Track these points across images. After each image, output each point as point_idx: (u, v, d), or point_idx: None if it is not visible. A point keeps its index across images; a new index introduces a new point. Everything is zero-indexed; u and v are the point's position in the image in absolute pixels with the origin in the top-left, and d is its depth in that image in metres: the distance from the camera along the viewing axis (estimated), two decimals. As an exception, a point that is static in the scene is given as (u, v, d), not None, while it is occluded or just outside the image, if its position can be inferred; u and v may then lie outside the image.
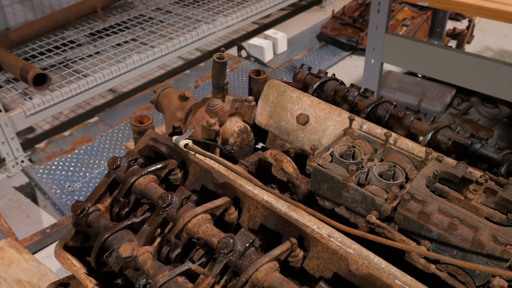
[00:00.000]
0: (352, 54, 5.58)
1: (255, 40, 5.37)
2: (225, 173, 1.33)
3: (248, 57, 5.42)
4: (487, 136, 1.62)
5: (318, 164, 1.30)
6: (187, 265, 1.14)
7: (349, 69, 5.32)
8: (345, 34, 5.57)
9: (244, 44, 5.54)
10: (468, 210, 1.09)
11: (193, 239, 1.25)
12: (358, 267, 1.07)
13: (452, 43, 5.54)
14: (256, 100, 1.76)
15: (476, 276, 1.09)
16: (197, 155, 1.38)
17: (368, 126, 1.51)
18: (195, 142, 1.49)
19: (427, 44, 3.40)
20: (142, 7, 5.61)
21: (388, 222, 1.24)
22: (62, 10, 5.02)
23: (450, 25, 5.65)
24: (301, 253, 1.17)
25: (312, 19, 6.43)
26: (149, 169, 1.33)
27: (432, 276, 1.15)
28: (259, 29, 6.25)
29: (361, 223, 1.24)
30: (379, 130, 1.47)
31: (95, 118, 4.50)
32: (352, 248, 1.11)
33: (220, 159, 1.33)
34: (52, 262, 2.70)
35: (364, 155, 1.32)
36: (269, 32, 5.56)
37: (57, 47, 4.71)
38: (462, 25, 5.99)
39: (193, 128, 1.47)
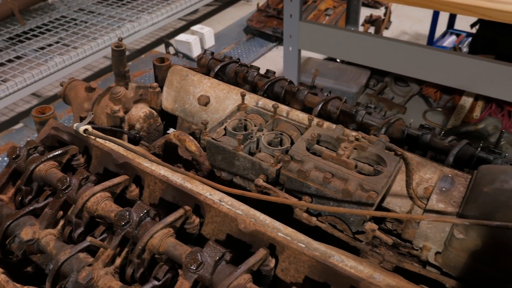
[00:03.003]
0: (278, 45, 5.74)
1: (182, 36, 5.40)
2: (124, 153, 1.38)
3: (176, 53, 5.45)
4: (375, 105, 1.78)
5: (212, 138, 1.38)
6: (88, 241, 1.19)
7: (276, 60, 5.47)
8: (270, 26, 5.72)
9: (172, 41, 5.56)
10: (340, 165, 1.22)
11: (96, 219, 1.30)
12: (246, 226, 1.17)
13: (372, 30, 5.83)
14: (162, 87, 1.82)
15: (351, 223, 1.21)
16: (97, 139, 1.43)
17: (264, 101, 1.61)
18: (101, 129, 1.54)
19: (340, 30, 3.58)
20: (63, 8, 5.49)
21: (280, 187, 1.35)
22: (-24, 15, 4.83)
23: (368, 12, 5.95)
24: (197, 220, 1.25)
25: (238, 13, 6.55)
26: (48, 156, 1.37)
27: (317, 229, 1.27)
28: (187, 26, 6.29)
29: (252, 188, 1.34)
30: (277, 106, 1.58)
31: (20, 124, 4.38)
32: (241, 209, 1.21)
33: (119, 140, 1.39)
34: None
35: (255, 126, 1.42)
36: (196, 27, 5.62)
37: (-27, 54, 4.53)
38: (380, 12, 6.31)
39: (92, 113, 1.52)
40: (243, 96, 1.50)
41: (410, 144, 1.57)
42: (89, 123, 1.54)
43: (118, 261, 1.21)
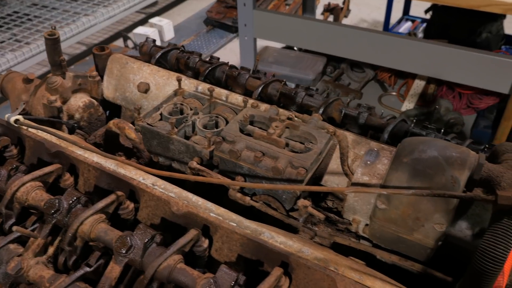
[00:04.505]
0: (238, 35, 5.73)
1: (140, 29, 5.33)
2: (58, 142, 1.36)
3: (135, 46, 5.36)
4: (316, 87, 1.80)
5: (147, 123, 1.37)
6: (14, 230, 1.17)
7: (236, 50, 5.44)
8: (230, 17, 5.69)
9: (130, 34, 5.47)
10: (270, 143, 1.23)
11: (29, 209, 1.27)
12: (178, 208, 1.17)
13: (332, 18, 5.88)
14: (103, 76, 1.80)
15: (283, 200, 1.23)
16: (30, 129, 1.40)
17: (203, 86, 1.61)
18: (37, 120, 1.51)
19: (294, 17, 3.60)
20: (15, 3, 5.32)
21: (217, 169, 1.35)
22: None
23: (326, 0, 5.98)
24: (131, 205, 1.24)
25: (198, 5, 6.49)
26: (-23, 148, 1.33)
27: (253, 209, 1.28)
28: (146, 19, 6.20)
29: (188, 171, 1.34)
30: (213, 89, 1.58)
31: (-27, 124, 4.24)
32: (174, 192, 1.20)
33: (51, 129, 1.36)
34: None
35: (191, 110, 1.42)
36: (154, 20, 5.54)
37: None
38: (338, 0, 6.36)
39: (24, 103, 1.48)
40: (179, 81, 1.50)
41: (349, 124, 1.60)
42: (24, 114, 1.51)
43: (51, 250, 1.20)
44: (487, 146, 1.41)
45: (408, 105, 3.58)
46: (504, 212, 0.89)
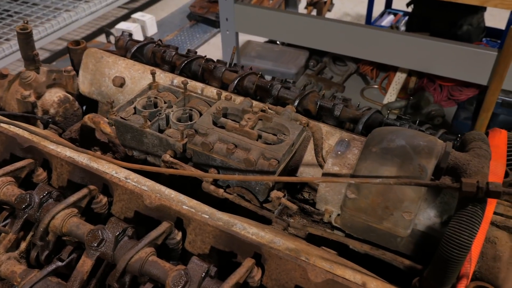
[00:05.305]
0: (222, 30, 5.71)
1: (122, 25, 5.28)
2: (30, 137, 1.35)
3: (118, 42, 5.32)
4: (293, 80, 1.80)
5: (121, 117, 1.37)
6: (-13, 227, 1.16)
7: (220, 45, 5.42)
8: (213, 12, 5.67)
9: (113, 30, 5.42)
10: (243, 135, 1.23)
11: (1, 205, 1.26)
12: (151, 201, 1.17)
13: (315, 12, 5.88)
14: (78, 71, 1.78)
15: (257, 192, 1.23)
16: (1, 124, 1.38)
17: (179, 79, 1.60)
18: (11, 115, 1.49)
19: (275, 11, 3.60)
20: (-5, -1, 5.24)
21: (191, 162, 1.35)
22: None
23: (308, -6, 5.98)
24: (105, 199, 1.24)
25: (182, 0, 6.45)
26: None
27: (227, 201, 1.28)
28: (129, 14, 6.14)
29: (162, 164, 1.34)
30: (187, 82, 1.57)
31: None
32: (146, 185, 1.20)
33: (22, 124, 1.35)
34: None
35: (165, 103, 1.42)
36: (137, 15, 5.50)
37: None
38: (322, -6, 6.36)
39: (-5, 99, 1.47)
40: (153, 74, 1.49)
41: (325, 115, 1.61)
42: (-3, 109, 1.49)
43: (23, 245, 1.19)
44: (459, 136, 1.43)
45: (390, 97, 3.60)
46: (469, 199, 0.91)
